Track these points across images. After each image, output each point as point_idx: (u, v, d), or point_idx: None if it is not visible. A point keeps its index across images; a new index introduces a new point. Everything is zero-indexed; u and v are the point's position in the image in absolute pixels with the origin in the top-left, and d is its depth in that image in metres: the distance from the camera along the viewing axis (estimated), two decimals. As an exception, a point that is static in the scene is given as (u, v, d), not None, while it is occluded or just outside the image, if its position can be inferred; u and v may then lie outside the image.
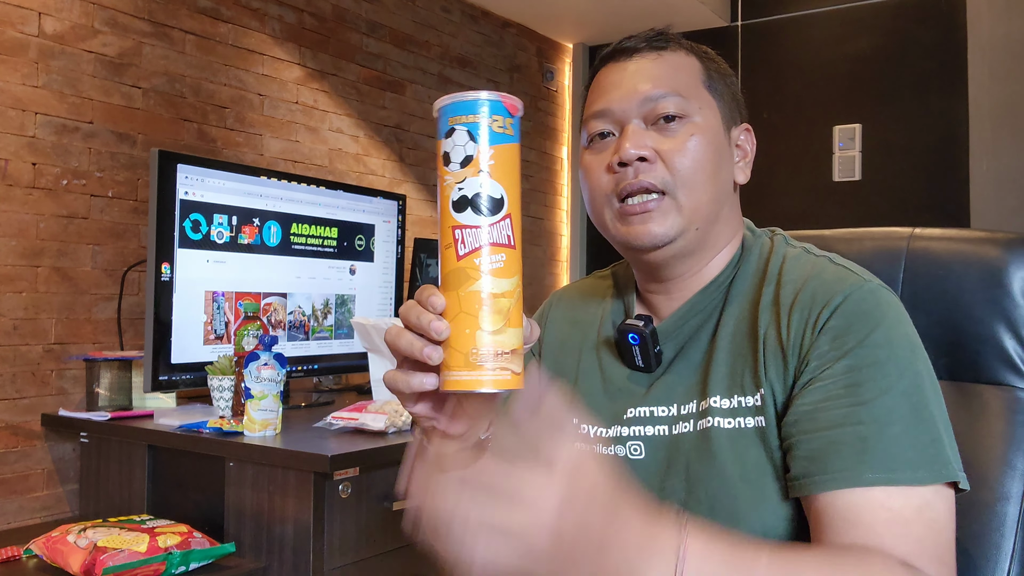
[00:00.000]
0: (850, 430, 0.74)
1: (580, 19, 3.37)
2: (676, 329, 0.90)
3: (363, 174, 2.67)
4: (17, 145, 1.81)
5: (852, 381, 0.76)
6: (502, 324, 0.61)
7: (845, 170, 3.05)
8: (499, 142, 0.65)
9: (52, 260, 1.86)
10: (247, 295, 1.93)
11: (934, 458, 0.73)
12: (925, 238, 1.03)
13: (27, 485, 1.81)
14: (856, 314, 0.79)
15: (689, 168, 0.86)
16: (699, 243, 0.88)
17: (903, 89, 2.98)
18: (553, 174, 3.58)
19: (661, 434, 0.88)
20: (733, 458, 0.82)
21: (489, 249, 0.61)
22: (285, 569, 1.46)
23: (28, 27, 1.83)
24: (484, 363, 0.60)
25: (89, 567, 1.33)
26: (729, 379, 0.85)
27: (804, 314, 0.81)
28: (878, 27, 3.03)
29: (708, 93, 0.90)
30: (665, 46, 0.91)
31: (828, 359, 0.78)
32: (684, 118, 0.87)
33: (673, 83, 0.88)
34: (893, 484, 0.72)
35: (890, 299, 0.81)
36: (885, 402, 0.75)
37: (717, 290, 0.90)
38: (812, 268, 0.85)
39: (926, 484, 0.72)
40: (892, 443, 0.73)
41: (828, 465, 0.74)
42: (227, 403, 1.73)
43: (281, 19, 2.41)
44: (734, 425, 0.83)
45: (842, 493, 0.73)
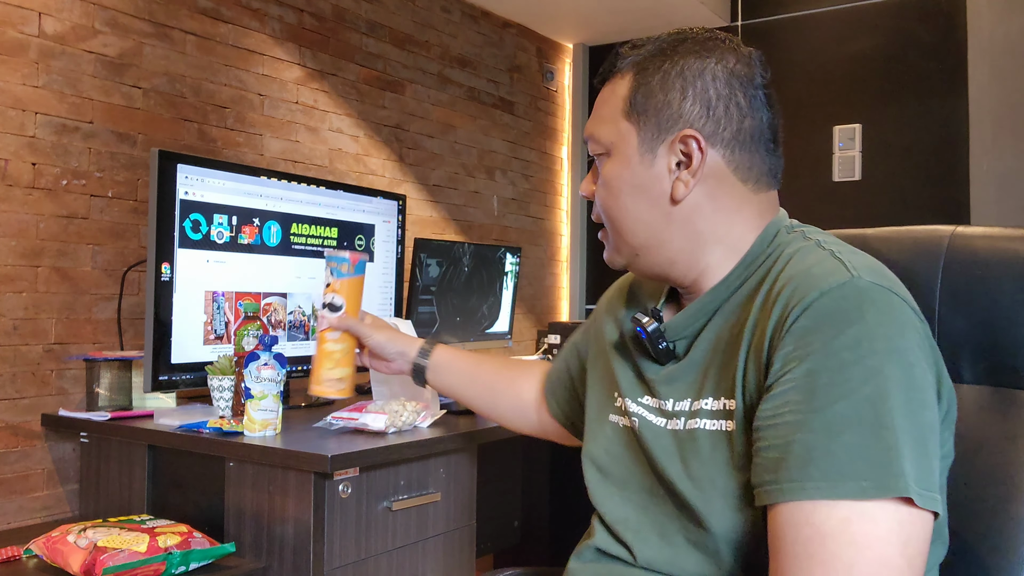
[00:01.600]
0: (800, 438, 0.71)
1: (580, 19, 3.37)
2: (685, 328, 0.91)
3: (363, 174, 2.67)
4: (17, 145, 1.81)
5: (809, 386, 0.72)
6: (334, 366, 1.33)
7: (845, 170, 3.05)
8: (342, 276, 1.35)
9: (52, 260, 1.86)
10: (247, 295, 1.93)
11: (884, 470, 0.68)
12: (966, 236, 0.98)
13: (27, 485, 1.81)
14: (827, 313, 0.74)
15: (604, 205, 0.94)
16: (658, 263, 0.92)
17: (903, 89, 2.98)
18: (553, 174, 3.58)
19: (658, 424, 0.90)
20: (708, 459, 0.82)
21: (330, 330, 1.33)
22: (285, 569, 1.46)
23: (28, 27, 1.83)
24: (325, 383, 1.32)
25: (89, 567, 1.33)
26: (720, 381, 0.84)
27: (779, 312, 0.78)
28: (878, 27, 3.04)
29: (626, 121, 0.91)
30: (609, 75, 0.95)
31: (790, 361, 0.75)
32: (603, 155, 0.93)
33: (595, 123, 0.95)
34: (835, 497, 0.68)
35: (878, 297, 0.75)
36: (840, 409, 0.71)
37: (725, 291, 0.88)
38: (806, 264, 0.81)
39: (871, 497, 0.68)
40: (841, 452, 0.69)
41: (778, 476, 0.72)
42: (227, 403, 1.73)
43: (281, 19, 2.41)
44: (716, 427, 0.83)
45: (784, 507, 0.71)
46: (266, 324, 1.97)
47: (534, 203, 3.47)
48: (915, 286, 0.97)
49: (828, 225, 1.10)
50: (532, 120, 3.46)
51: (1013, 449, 0.90)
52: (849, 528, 0.68)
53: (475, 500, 1.74)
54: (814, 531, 0.69)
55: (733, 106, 0.88)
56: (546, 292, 3.52)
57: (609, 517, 0.93)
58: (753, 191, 0.90)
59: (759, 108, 0.89)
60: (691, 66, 0.88)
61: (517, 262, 2.84)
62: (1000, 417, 0.92)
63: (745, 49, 0.91)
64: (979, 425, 0.92)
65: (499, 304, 2.80)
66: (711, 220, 0.89)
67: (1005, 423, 0.92)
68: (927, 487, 0.70)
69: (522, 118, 3.40)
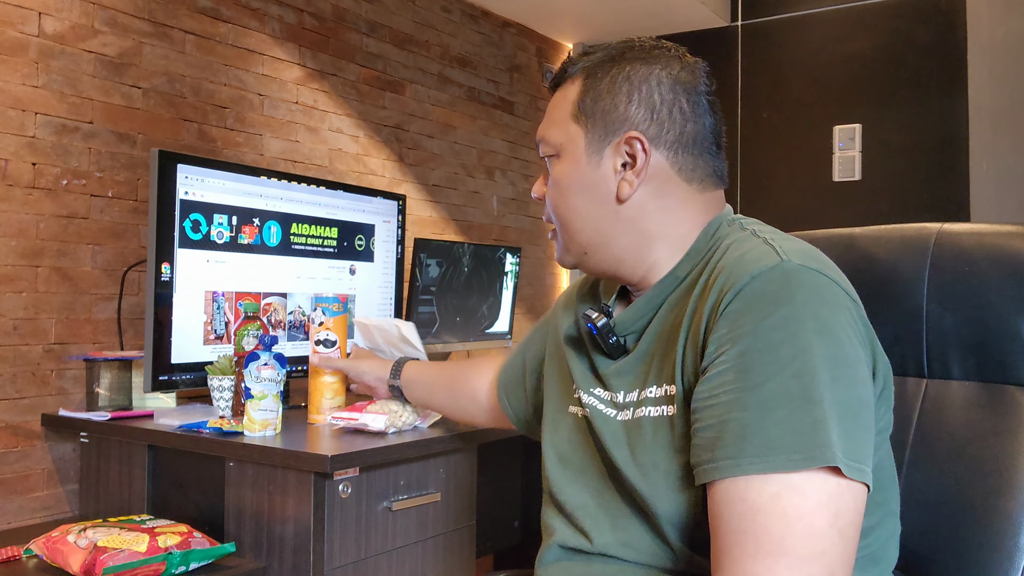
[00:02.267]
0: (736, 416, 0.74)
1: (580, 19, 3.37)
2: (634, 322, 0.94)
3: (363, 174, 2.67)
4: (17, 145, 1.81)
5: (743, 367, 0.75)
6: (332, 395, 1.68)
7: (845, 170, 3.05)
8: (334, 315, 1.65)
9: (52, 260, 1.86)
10: (247, 295, 1.93)
11: (811, 441, 0.70)
12: (953, 233, 0.99)
13: (27, 485, 1.81)
14: (757, 296, 0.77)
15: (553, 205, 0.97)
16: (606, 261, 0.95)
17: (903, 89, 2.98)
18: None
19: (608, 415, 0.93)
20: (651, 444, 0.85)
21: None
22: (285, 569, 1.46)
23: (28, 27, 1.83)
24: (325, 411, 1.67)
25: (89, 567, 1.33)
26: (661, 370, 0.87)
27: (713, 298, 0.81)
28: (878, 27, 3.03)
29: (575, 124, 0.94)
30: (561, 81, 0.98)
31: (724, 344, 0.77)
32: (553, 156, 0.96)
33: (546, 126, 0.98)
34: (769, 471, 0.70)
35: (807, 279, 0.77)
36: (771, 386, 0.73)
37: (671, 284, 0.92)
38: (739, 251, 0.84)
39: (800, 469, 0.70)
40: (773, 428, 0.71)
41: (714, 454, 0.74)
42: (227, 403, 1.73)
43: (281, 19, 2.41)
44: (658, 413, 0.86)
45: (720, 484, 0.74)
46: (266, 324, 1.97)
47: (534, 203, 3.47)
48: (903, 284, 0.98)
49: (828, 225, 1.10)
50: (532, 120, 3.46)
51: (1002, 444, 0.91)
52: (779, 502, 0.70)
53: (475, 500, 1.74)
54: (747, 507, 0.71)
55: (676, 111, 0.92)
56: (546, 292, 3.52)
57: (569, 504, 0.96)
58: (699, 191, 0.94)
59: (702, 114, 0.93)
60: (637, 71, 0.92)
61: (517, 262, 2.85)
62: (989, 412, 0.93)
63: (691, 58, 0.96)
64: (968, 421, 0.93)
65: (499, 304, 2.80)
66: (656, 218, 0.93)
67: (994, 418, 0.93)
68: (856, 459, 0.72)
69: (522, 118, 3.40)
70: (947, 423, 0.88)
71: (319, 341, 1.65)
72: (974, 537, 0.90)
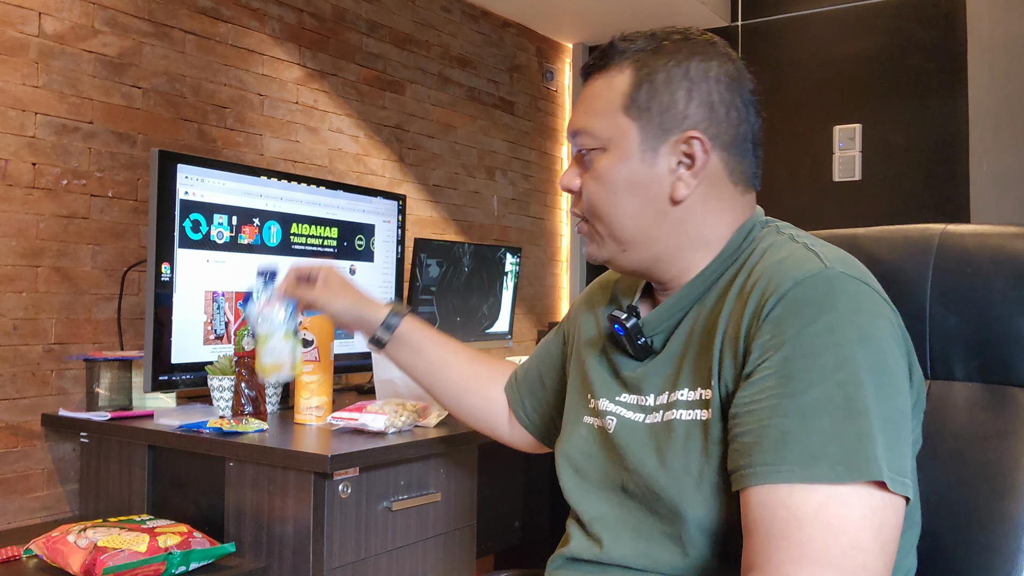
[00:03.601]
0: (777, 422, 0.72)
1: (580, 19, 3.37)
2: (662, 322, 0.92)
3: (363, 174, 2.67)
4: (17, 145, 1.81)
5: (785, 373, 0.74)
6: (310, 395, 1.67)
7: (845, 170, 3.05)
8: (312, 314, 1.52)
9: (52, 260, 1.86)
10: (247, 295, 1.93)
11: (856, 454, 0.69)
12: (956, 235, 0.99)
13: (27, 485, 1.81)
14: (801, 302, 0.76)
15: (594, 200, 0.92)
16: (642, 259, 0.92)
17: (903, 89, 2.98)
18: (553, 174, 3.58)
19: (635, 420, 0.91)
20: (682, 448, 0.83)
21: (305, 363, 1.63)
22: (285, 569, 1.46)
23: (28, 27, 1.83)
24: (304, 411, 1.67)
25: (89, 567, 1.33)
26: (695, 372, 0.86)
27: (754, 303, 0.80)
28: (878, 27, 3.03)
29: (627, 117, 0.90)
30: (604, 67, 0.93)
31: (767, 349, 0.76)
32: (596, 151, 0.92)
33: (588, 116, 0.93)
34: (812, 480, 0.69)
35: (849, 287, 0.77)
36: (814, 394, 0.72)
37: (702, 285, 0.90)
38: (779, 255, 0.83)
39: (845, 481, 0.69)
40: (815, 436, 0.70)
41: (752, 459, 0.73)
42: (227, 403, 1.73)
43: (281, 19, 2.41)
44: (691, 417, 0.84)
45: (758, 489, 0.72)
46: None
47: (534, 203, 3.47)
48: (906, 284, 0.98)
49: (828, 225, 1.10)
50: (532, 120, 3.46)
51: (1005, 445, 0.91)
52: (825, 512, 0.69)
53: (475, 500, 1.74)
54: (790, 514, 0.69)
55: (733, 111, 0.90)
56: (546, 292, 3.52)
57: (586, 515, 0.94)
58: (741, 192, 0.93)
59: (751, 115, 0.93)
60: (696, 68, 0.90)
61: (517, 262, 2.84)
62: (992, 414, 0.93)
63: (734, 55, 0.95)
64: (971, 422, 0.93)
65: (499, 304, 2.80)
66: (701, 220, 0.91)
67: (997, 420, 0.92)
68: (899, 472, 0.71)
69: (522, 118, 3.40)
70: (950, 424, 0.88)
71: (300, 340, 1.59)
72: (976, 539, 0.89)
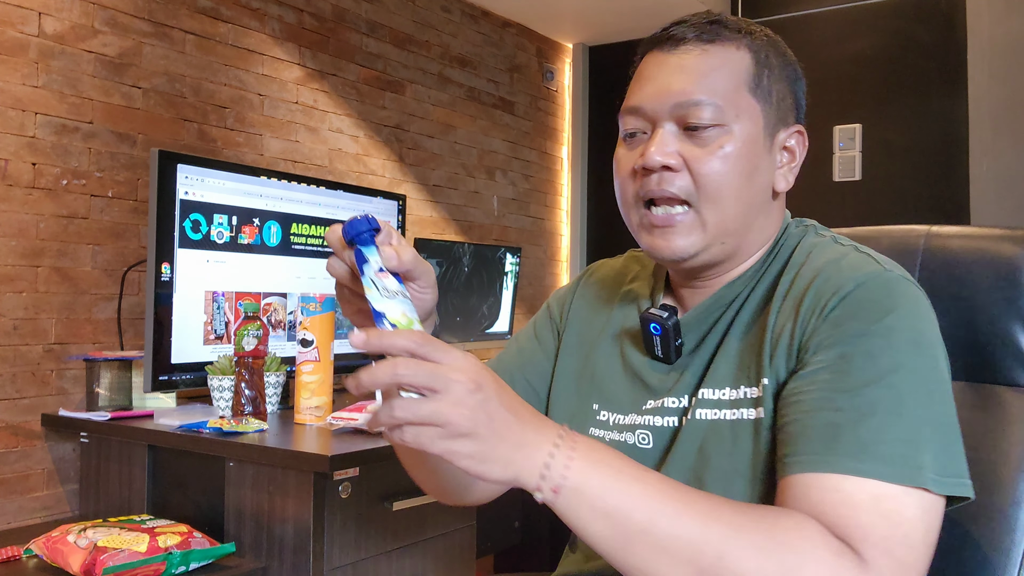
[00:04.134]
0: (827, 415, 0.72)
1: (580, 19, 3.37)
2: (698, 322, 0.88)
3: (363, 174, 2.67)
4: (17, 145, 1.81)
5: (841, 368, 0.73)
6: (310, 395, 1.67)
7: (845, 170, 3.05)
8: (311, 315, 1.65)
9: (52, 260, 1.86)
10: (247, 295, 1.93)
11: (905, 458, 0.69)
12: (942, 236, 1.00)
13: (27, 485, 1.81)
14: (863, 302, 0.76)
15: (716, 182, 0.82)
16: (727, 254, 0.86)
17: (903, 89, 2.98)
18: (553, 174, 3.58)
19: (669, 425, 0.86)
20: (731, 450, 0.81)
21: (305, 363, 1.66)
22: (285, 569, 1.46)
23: (28, 27, 1.83)
24: (304, 411, 1.67)
25: (89, 567, 1.33)
26: (737, 370, 0.83)
27: (813, 301, 0.78)
28: (878, 27, 3.03)
29: (752, 97, 0.85)
30: (715, 39, 0.85)
31: (824, 345, 0.75)
32: (719, 127, 0.82)
33: (711, 87, 0.83)
34: (859, 474, 0.69)
35: (908, 291, 0.77)
36: (869, 392, 0.72)
37: (743, 284, 0.87)
38: (833, 255, 0.82)
39: (892, 482, 0.68)
40: (866, 433, 0.70)
41: (799, 448, 0.72)
42: (227, 403, 1.73)
43: (281, 19, 2.41)
44: (737, 416, 0.81)
45: (803, 476, 0.71)
46: (266, 324, 1.97)
47: (534, 203, 3.47)
48: None
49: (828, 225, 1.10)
50: (532, 120, 3.46)
51: (993, 443, 0.92)
52: (881, 504, 0.68)
53: (475, 500, 1.74)
54: (844, 497, 0.68)
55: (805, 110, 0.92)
56: (546, 292, 3.51)
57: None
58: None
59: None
60: (794, 64, 0.91)
61: (517, 262, 2.84)
62: (979, 412, 0.94)
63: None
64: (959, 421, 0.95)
65: (499, 304, 2.80)
66: (777, 216, 0.90)
67: (985, 419, 0.93)
68: (954, 474, 0.71)
69: (522, 118, 3.40)
70: None
71: (299, 341, 1.68)
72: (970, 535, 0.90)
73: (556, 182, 3.61)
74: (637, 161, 0.84)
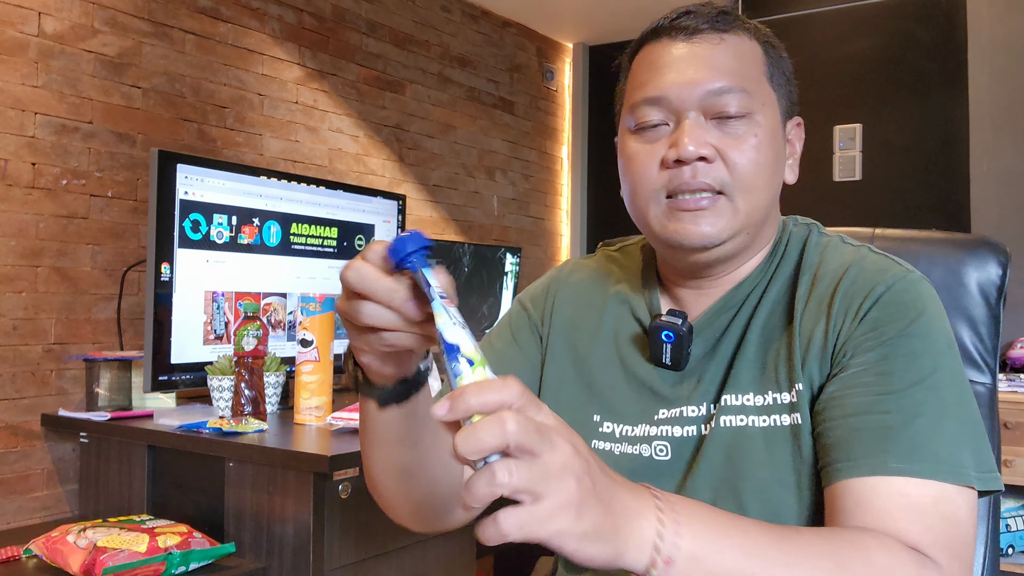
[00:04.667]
0: (876, 418, 0.72)
1: (580, 19, 3.36)
2: (710, 325, 0.85)
3: (363, 174, 2.67)
4: (17, 145, 1.81)
5: (883, 370, 0.74)
6: (310, 396, 1.66)
7: (845, 170, 3.05)
8: (311, 315, 1.65)
9: (52, 260, 1.86)
10: (247, 295, 1.93)
11: (953, 458, 0.70)
12: (887, 238, 1.05)
13: (27, 485, 1.81)
14: (897, 304, 0.76)
15: (750, 172, 0.80)
16: (746, 245, 0.84)
17: (904, 89, 2.98)
18: (553, 174, 3.58)
19: (689, 435, 0.83)
20: (767, 458, 0.78)
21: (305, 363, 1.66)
22: (285, 569, 1.45)
23: (28, 27, 1.83)
24: (304, 411, 1.66)
25: (89, 567, 1.33)
26: (763, 375, 0.81)
27: (845, 304, 0.78)
28: (879, 27, 3.03)
29: (769, 86, 0.84)
30: (728, 28, 0.83)
31: (864, 348, 0.75)
32: (747, 116, 0.81)
33: (738, 75, 0.81)
34: (915, 476, 0.69)
35: (931, 291, 0.79)
36: (915, 393, 0.72)
37: (752, 284, 0.85)
38: (852, 257, 0.82)
39: (947, 482, 0.69)
40: (918, 434, 0.70)
41: (851, 452, 0.71)
42: (227, 403, 1.73)
43: (281, 19, 2.41)
44: (769, 423, 0.79)
45: (861, 480, 0.70)
46: (265, 324, 1.97)
47: (534, 203, 3.47)
48: None
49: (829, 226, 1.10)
50: (532, 120, 3.45)
51: None
52: (940, 506, 0.69)
53: (475, 500, 1.74)
54: (908, 501, 0.68)
55: None
56: (546, 292, 3.52)
57: None
58: None
59: None
60: (787, 57, 0.89)
61: (517, 262, 2.84)
62: None
63: None
64: None
65: (499, 304, 2.80)
66: (778, 212, 0.89)
67: None
68: (988, 468, 0.72)
69: (522, 118, 3.40)
70: None
71: (299, 340, 1.68)
72: None
73: (556, 182, 3.61)
74: (667, 153, 0.81)
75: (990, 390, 0.99)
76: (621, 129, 0.87)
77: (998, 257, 1.00)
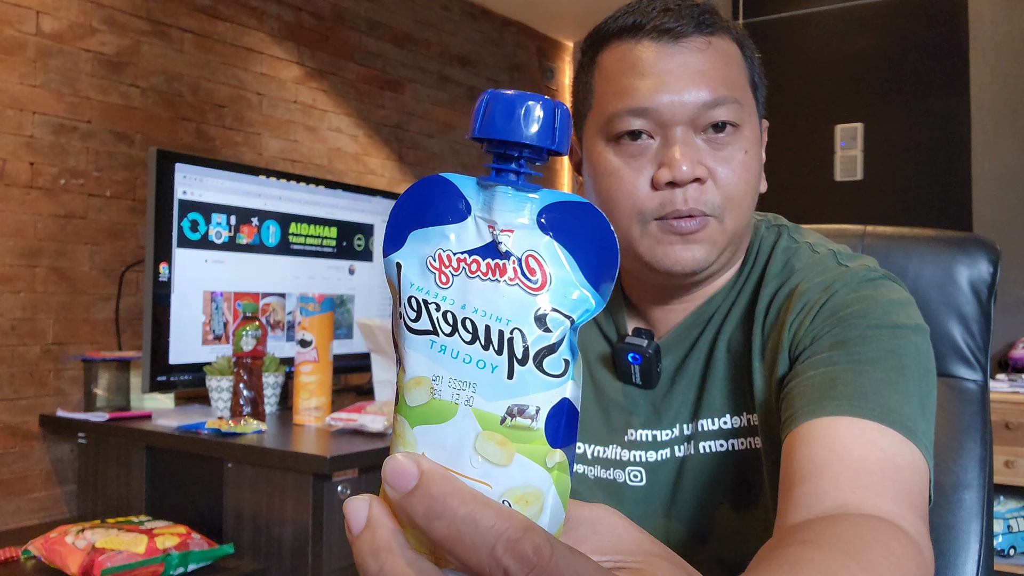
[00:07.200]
0: (824, 371, 0.67)
1: (580, 18, 3.36)
2: (678, 343, 0.82)
3: (362, 173, 2.67)
4: (15, 145, 1.80)
5: (839, 339, 0.69)
6: (308, 396, 1.65)
7: (847, 170, 3.04)
8: (310, 315, 1.64)
9: (50, 260, 1.86)
10: (245, 295, 1.92)
11: (907, 416, 0.64)
12: (877, 236, 1.04)
13: (25, 486, 1.80)
14: (854, 297, 0.72)
15: (740, 191, 0.76)
16: (726, 262, 0.80)
17: (905, 88, 2.98)
18: (553, 174, 3.57)
19: (663, 458, 0.80)
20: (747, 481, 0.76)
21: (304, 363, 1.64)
22: (284, 571, 1.45)
23: (26, 26, 1.82)
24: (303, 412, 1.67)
25: (87, 568, 1.32)
26: (733, 394, 0.78)
27: (801, 304, 0.74)
28: (880, 26, 3.03)
29: (752, 93, 0.79)
30: (714, 31, 0.76)
31: (820, 333, 0.71)
32: (735, 127, 0.76)
33: (728, 85, 0.75)
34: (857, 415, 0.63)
35: (895, 288, 0.74)
36: (867, 351, 0.67)
37: (722, 297, 0.82)
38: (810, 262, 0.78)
39: (894, 428, 0.63)
40: (865, 381, 0.65)
41: (805, 400, 0.66)
42: (225, 404, 1.72)
43: (280, 18, 2.41)
44: (746, 446, 0.77)
45: (818, 421, 0.63)
46: (264, 324, 1.96)
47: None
48: None
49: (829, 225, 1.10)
50: (532, 119, 3.45)
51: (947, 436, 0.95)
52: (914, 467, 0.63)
53: (475, 501, 1.73)
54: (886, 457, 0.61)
55: None
56: (546, 291, 3.52)
57: None
58: None
59: None
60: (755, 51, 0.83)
61: (517, 262, 2.84)
62: None
63: None
64: None
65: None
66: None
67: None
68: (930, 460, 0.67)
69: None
70: None
71: (298, 341, 1.68)
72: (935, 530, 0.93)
73: (556, 182, 3.60)
74: (659, 173, 0.74)
75: (981, 387, 0.99)
76: (591, 135, 0.79)
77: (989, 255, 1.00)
